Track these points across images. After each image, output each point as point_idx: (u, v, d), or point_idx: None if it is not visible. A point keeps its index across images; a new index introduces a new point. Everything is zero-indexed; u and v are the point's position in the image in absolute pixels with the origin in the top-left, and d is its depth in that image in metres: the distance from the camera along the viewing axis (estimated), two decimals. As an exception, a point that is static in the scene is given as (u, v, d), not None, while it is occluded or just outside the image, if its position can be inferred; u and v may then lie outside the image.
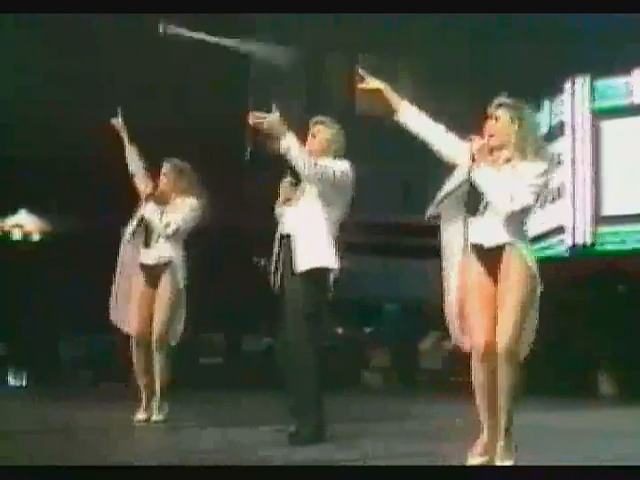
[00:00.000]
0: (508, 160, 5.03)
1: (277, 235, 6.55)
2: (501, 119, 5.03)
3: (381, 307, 22.21)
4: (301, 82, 22.48)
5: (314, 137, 6.52)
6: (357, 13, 17.31)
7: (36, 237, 19.83)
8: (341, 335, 20.72)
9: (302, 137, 6.40)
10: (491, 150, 5.04)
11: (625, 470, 4.62)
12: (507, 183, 4.90)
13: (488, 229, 4.98)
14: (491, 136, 5.03)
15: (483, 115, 5.13)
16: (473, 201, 5.04)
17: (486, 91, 5.36)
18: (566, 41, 19.13)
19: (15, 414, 6.84)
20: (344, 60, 23.31)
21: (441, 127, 5.27)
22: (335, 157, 6.44)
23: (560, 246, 15.22)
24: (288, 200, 6.56)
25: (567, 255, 15.07)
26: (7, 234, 19.70)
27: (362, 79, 5.51)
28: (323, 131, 6.52)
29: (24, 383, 16.27)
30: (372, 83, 5.48)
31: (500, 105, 5.06)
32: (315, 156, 6.34)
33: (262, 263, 21.36)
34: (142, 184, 7.46)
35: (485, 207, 4.99)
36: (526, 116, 5.07)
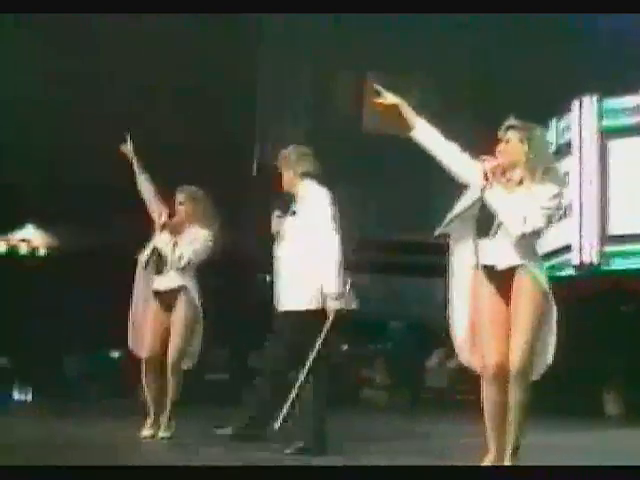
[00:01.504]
0: (520, 182, 5.05)
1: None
2: (512, 141, 5.07)
3: (386, 325, 22.16)
4: (308, 99, 22.52)
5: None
6: (358, 13, 17.23)
7: (42, 252, 19.85)
8: (345, 352, 20.68)
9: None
10: (503, 171, 5.06)
11: (625, 470, 4.60)
12: (520, 205, 4.92)
13: (500, 250, 4.99)
14: (502, 158, 5.06)
15: (494, 138, 5.16)
16: (484, 222, 5.06)
17: (493, 110, 5.38)
18: (574, 60, 19.13)
19: (20, 427, 6.84)
20: (352, 77, 23.37)
21: (455, 146, 5.27)
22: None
23: (567, 265, 15.19)
24: (277, 233, 6.60)
25: (574, 274, 15.04)
26: (13, 248, 19.72)
27: (377, 94, 5.45)
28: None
29: (29, 397, 16.25)
30: (389, 98, 5.42)
31: (510, 127, 5.10)
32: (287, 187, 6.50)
33: (268, 279, 21.32)
34: (155, 212, 7.47)
35: (497, 228, 5.00)
36: (536, 137, 5.11)
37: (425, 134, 5.32)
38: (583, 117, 15.25)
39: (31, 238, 19.91)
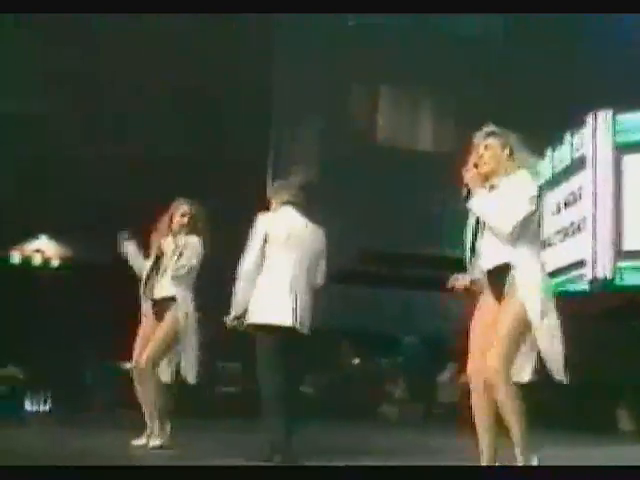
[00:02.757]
0: (496, 185, 5.10)
1: None
2: (492, 147, 5.12)
3: (398, 339, 22.12)
4: (323, 113, 22.55)
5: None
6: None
7: (56, 262, 19.89)
8: (358, 366, 20.65)
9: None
10: (485, 178, 5.11)
11: (626, 470, 4.56)
12: (503, 204, 4.93)
13: (486, 252, 5.04)
14: (484, 164, 5.11)
15: (469, 145, 5.21)
16: (476, 229, 5.13)
17: (508, 124, 5.38)
18: (589, 75, 19.13)
19: (31, 438, 6.84)
20: (366, 91, 23.41)
21: None
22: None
23: (580, 280, 15.13)
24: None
25: (587, 289, 14.98)
26: (27, 259, 19.77)
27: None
28: None
29: (42, 407, 16.27)
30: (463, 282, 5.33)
31: (489, 134, 5.16)
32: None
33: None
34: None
35: (482, 232, 5.07)
36: (516, 143, 5.17)
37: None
38: (598, 132, 15.20)
39: (45, 249, 19.96)
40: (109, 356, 16.26)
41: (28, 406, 16.50)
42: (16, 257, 19.72)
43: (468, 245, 5.17)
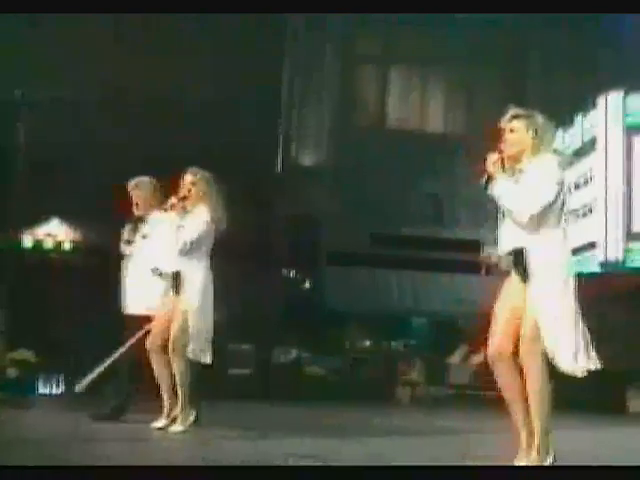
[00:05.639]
0: (523, 169, 5.11)
1: None
2: (518, 130, 5.13)
3: (410, 321, 22.15)
4: (333, 95, 22.52)
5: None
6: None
7: (67, 246, 19.92)
8: (370, 348, 20.69)
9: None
10: (512, 161, 5.13)
11: (625, 470, 4.58)
12: (525, 190, 4.97)
13: (504, 237, 5.10)
14: (511, 146, 5.12)
15: (495, 129, 5.21)
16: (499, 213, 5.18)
17: (519, 104, 5.37)
18: (600, 56, 19.06)
19: (45, 421, 6.89)
20: (376, 73, 23.36)
21: None
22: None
23: (592, 262, 15.12)
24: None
25: (599, 271, 14.97)
26: (39, 242, 19.82)
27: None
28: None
29: (54, 391, 16.33)
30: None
31: (514, 117, 5.17)
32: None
33: (292, 275, 21.37)
34: None
35: (502, 217, 5.12)
36: (541, 124, 5.17)
37: None
38: (609, 113, 15.16)
39: (56, 232, 20.00)
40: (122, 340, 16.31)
41: (40, 389, 16.55)
42: (28, 241, 19.78)
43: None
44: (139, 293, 7.54)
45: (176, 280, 7.27)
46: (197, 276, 7.21)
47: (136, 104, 18.90)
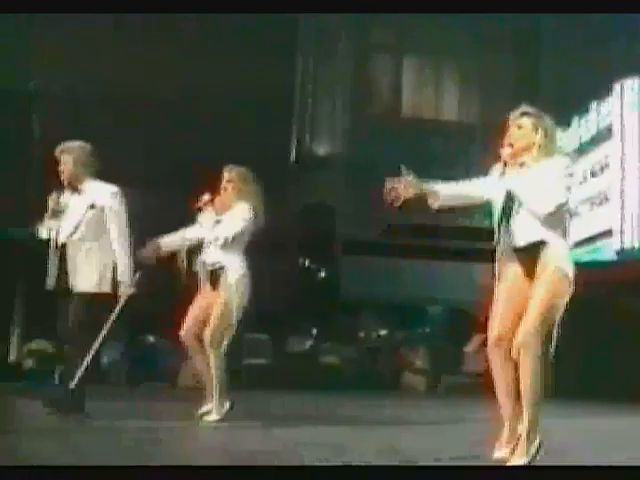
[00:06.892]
0: (527, 164, 5.22)
1: None
2: (525, 127, 5.26)
3: (424, 309, 22.14)
4: (347, 84, 22.49)
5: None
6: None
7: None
8: (384, 337, 20.69)
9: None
10: (515, 155, 5.22)
11: (625, 470, 4.56)
12: (539, 184, 5.07)
13: (520, 230, 5.14)
14: (515, 142, 5.24)
15: (502, 123, 5.33)
16: (509, 206, 5.21)
17: (533, 93, 5.37)
18: (616, 43, 18.95)
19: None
20: (390, 62, 23.31)
21: (472, 183, 5.57)
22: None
23: (608, 250, 15.08)
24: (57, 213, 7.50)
25: (615, 259, 14.93)
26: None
27: (393, 189, 5.61)
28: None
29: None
30: (406, 192, 5.60)
31: (523, 114, 5.30)
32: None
33: (307, 264, 21.34)
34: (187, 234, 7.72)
35: (518, 209, 5.15)
36: (548, 125, 5.31)
37: (444, 199, 5.61)
38: (624, 100, 15.10)
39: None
40: (138, 330, 16.38)
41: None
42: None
43: (496, 219, 5.25)
44: (90, 270, 7.24)
45: (215, 274, 7.38)
46: (236, 270, 7.35)
47: (153, 99, 18.95)
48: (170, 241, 7.64)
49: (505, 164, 5.16)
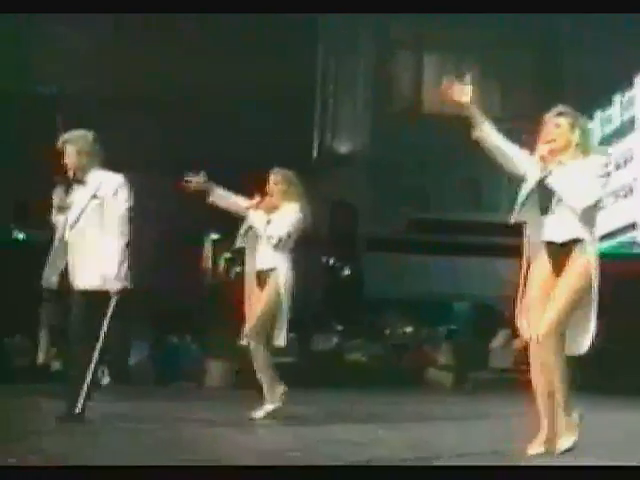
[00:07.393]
0: (564, 163, 5.32)
1: None
2: (562, 126, 5.38)
3: (449, 305, 22.11)
4: (368, 81, 22.49)
5: None
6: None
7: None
8: (409, 334, 20.67)
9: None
10: (553, 153, 5.33)
11: (625, 470, 4.53)
12: (577, 181, 5.19)
13: (559, 226, 5.25)
14: (553, 140, 5.35)
15: (539, 121, 5.46)
16: (544, 201, 5.32)
17: (554, 88, 5.40)
18: (635, 35, 18.86)
19: (91, 412, 6.95)
20: (410, 59, 23.29)
21: (515, 148, 5.52)
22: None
23: (632, 243, 15.00)
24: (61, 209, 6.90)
25: (639, 252, 14.86)
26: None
27: (450, 86, 5.58)
28: None
29: (105, 381, 16.47)
30: (459, 95, 5.56)
31: (560, 113, 5.41)
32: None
33: (331, 262, 21.30)
34: (243, 204, 7.82)
35: (556, 205, 5.26)
36: (584, 126, 5.51)
37: (488, 137, 5.55)
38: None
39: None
40: (170, 330, 16.45)
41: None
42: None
43: (524, 193, 5.32)
44: (94, 266, 6.71)
45: (264, 274, 7.64)
46: (285, 269, 7.64)
47: (174, 97, 19.03)
48: (225, 193, 7.81)
49: (544, 159, 5.26)
